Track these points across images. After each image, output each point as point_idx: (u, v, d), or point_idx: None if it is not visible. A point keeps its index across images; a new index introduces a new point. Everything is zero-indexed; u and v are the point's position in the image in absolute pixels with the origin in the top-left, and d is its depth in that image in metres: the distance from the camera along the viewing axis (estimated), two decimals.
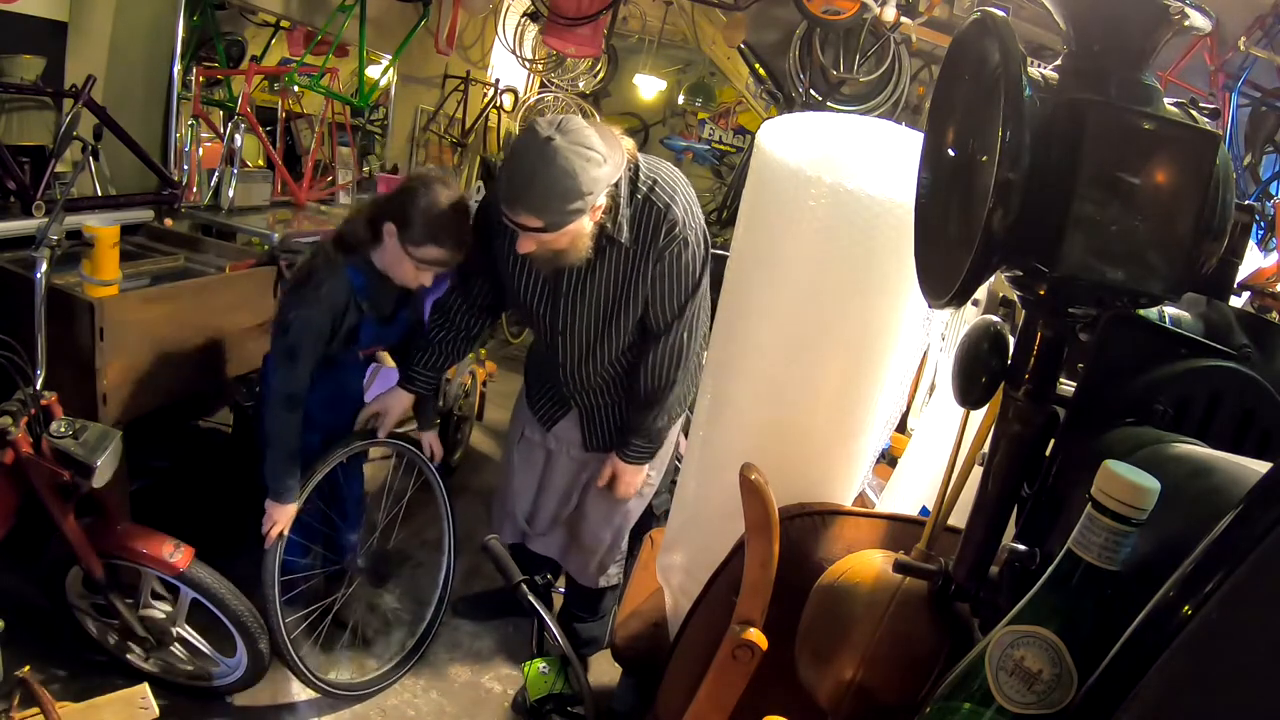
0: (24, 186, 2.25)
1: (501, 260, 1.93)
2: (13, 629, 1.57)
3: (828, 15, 4.23)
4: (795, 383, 1.20)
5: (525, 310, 2.00)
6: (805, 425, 1.21)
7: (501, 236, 1.88)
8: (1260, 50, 3.74)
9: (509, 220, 1.69)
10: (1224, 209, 0.62)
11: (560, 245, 1.73)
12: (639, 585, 1.66)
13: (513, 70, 5.60)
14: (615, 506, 2.17)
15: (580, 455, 2.16)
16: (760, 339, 1.24)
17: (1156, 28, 0.63)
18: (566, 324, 1.94)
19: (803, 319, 1.19)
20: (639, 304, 1.89)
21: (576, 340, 1.96)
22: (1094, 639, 0.51)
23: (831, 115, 1.43)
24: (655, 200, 1.80)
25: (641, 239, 1.81)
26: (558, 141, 1.61)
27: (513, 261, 1.89)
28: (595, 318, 1.92)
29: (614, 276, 1.86)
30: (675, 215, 1.80)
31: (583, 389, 2.07)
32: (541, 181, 1.61)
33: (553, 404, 2.16)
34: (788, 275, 1.19)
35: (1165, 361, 0.70)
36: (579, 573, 2.26)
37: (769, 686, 0.94)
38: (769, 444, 1.20)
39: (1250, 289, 2.12)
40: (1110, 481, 0.50)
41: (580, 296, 1.90)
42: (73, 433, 1.64)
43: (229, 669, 2.02)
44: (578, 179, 1.62)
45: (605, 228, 1.79)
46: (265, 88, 3.71)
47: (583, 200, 1.65)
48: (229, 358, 2.41)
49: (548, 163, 1.60)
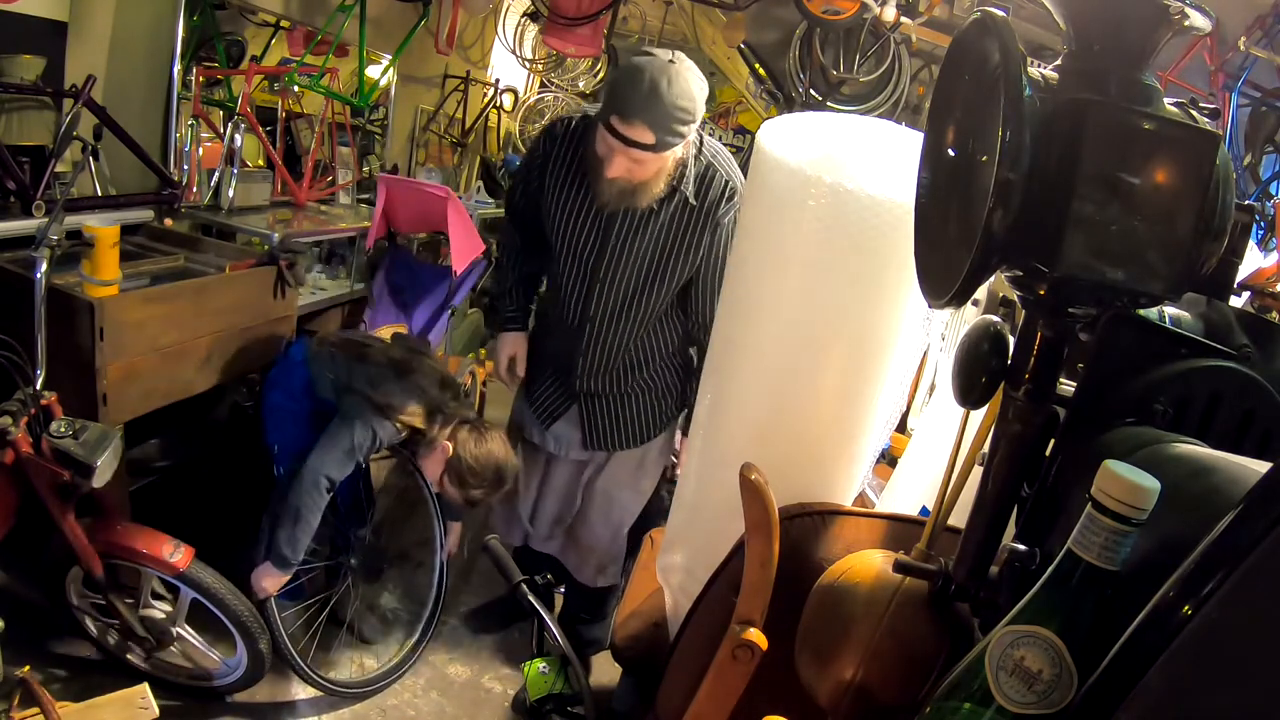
0: (24, 186, 2.25)
1: (560, 189, 1.91)
2: (13, 629, 1.57)
3: (828, 15, 4.23)
4: (795, 383, 1.20)
5: (570, 250, 1.95)
6: (805, 425, 1.21)
7: (564, 163, 1.89)
8: (1260, 50, 3.73)
9: (615, 132, 1.68)
10: (1224, 209, 0.62)
11: (647, 174, 1.74)
12: (639, 585, 1.66)
13: (513, 70, 5.60)
14: (612, 506, 2.17)
15: (580, 455, 2.15)
16: (760, 339, 1.24)
17: (1156, 28, 0.63)
18: (610, 269, 1.90)
19: (803, 319, 1.19)
20: (686, 268, 1.90)
21: (614, 292, 1.93)
22: (1094, 639, 0.51)
23: (831, 115, 1.43)
24: (717, 167, 1.86)
25: (703, 199, 1.85)
26: (679, 65, 1.68)
27: (572, 191, 1.88)
28: (640, 269, 1.90)
29: (669, 230, 1.87)
30: (736, 185, 1.86)
31: (595, 369, 2.02)
32: (664, 96, 1.64)
33: (555, 396, 2.12)
34: (788, 275, 1.19)
35: (1165, 361, 0.70)
36: (577, 570, 2.26)
37: (769, 686, 0.94)
38: (769, 444, 1.20)
39: (1250, 289, 2.11)
40: (1110, 481, 0.50)
41: (632, 241, 1.88)
42: (73, 433, 1.64)
43: (229, 669, 2.02)
44: (694, 102, 1.68)
45: (674, 176, 1.81)
46: (265, 88, 3.71)
47: (690, 127, 1.70)
48: (229, 358, 2.41)
49: (670, 81, 1.65)
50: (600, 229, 1.89)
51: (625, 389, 2.07)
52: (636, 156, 1.69)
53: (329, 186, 3.96)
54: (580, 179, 1.88)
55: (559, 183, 1.90)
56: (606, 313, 1.96)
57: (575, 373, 2.05)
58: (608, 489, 2.16)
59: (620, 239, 1.88)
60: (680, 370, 2.12)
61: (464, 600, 2.67)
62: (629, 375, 2.05)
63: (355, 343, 2.03)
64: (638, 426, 2.11)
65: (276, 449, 2.16)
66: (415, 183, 3.46)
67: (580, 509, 2.20)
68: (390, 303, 3.21)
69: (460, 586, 2.72)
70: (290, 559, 1.95)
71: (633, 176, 1.74)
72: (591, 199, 1.86)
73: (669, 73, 1.65)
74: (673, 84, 1.65)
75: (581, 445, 2.13)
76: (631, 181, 1.75)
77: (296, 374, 2.10)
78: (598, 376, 2.05)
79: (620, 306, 1.94)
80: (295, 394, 2.11)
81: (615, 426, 2.09)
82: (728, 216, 1.86)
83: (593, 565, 2.25)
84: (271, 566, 1.96)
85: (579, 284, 1.96)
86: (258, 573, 1.96)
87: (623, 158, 1.70)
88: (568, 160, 1.89)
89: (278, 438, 2.16)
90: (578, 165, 1.87)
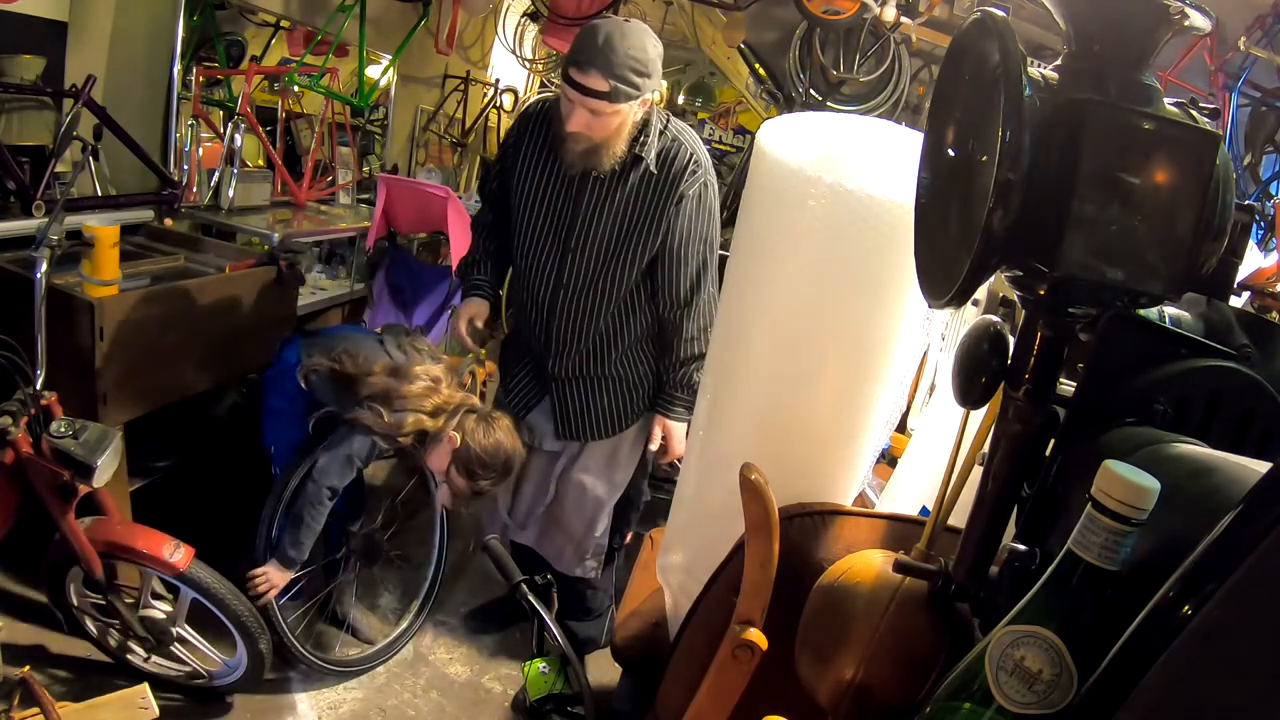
0: (24, 186, 2.25)
1: (532, 166, 2.01)
2: (13, 629, 1.57)
3: (828, 15, 4.22)
4: (795, 383, 1.20)
5: (542, 221, 2.02)
6: (805, 425, 1.21)
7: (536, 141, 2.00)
8: (1260, 50, 3.73)
9: (573, 82, 1.78)
10: (1224, 209, 0.62)
11: (607, 130, 1.83)
12: (639, 585, 1.66)
13: (513, 70, 5.60)
14: (585, 496, 2.23)
15: (553, 446, 2.22)
16: (760, 339, 1.24)
17: (1156, 28, 0.63)
18: (580, 239, 1.98)
19: (802, 319, 1.18)
20: (653, 239, 1.98)
21: (585, 262, 2.00)
22: (1094, 639, 0.51)
23: (831, 115, 1.43)
24: (682, 142, 1.96)
25: (666, 170, 1.95)
26: (633, 24, 1.82)
27: (545, 167, 1.98)
28: (609, 238, 1.98)
29: (636, 200, 1.95)
30: (700, 158, 1.97)
31: (568, 346, 2.09)
32: (617, 47, 1.76)
33: (529, 386, 2.20)
34: (787, 275, 1.19)
35: (1165, 361, 0.70)
36: (556, 559, 2.29)
37: (769, 686, 0.94)
38: (769, 444, 1.20)
39: (1250, 289, 2.12)
40: (1110, 481, 0.50)
41: (601, 210, 1.96)
42: (73, 433, 1.64)
43: (229, 669, 2.02)
44: (647, 55, 1.80)
45: (636, 142, 1.90)
46: (265, 88, 3.71)
47: (644, 81, 1.80)
48: (229, 358, 2.41)
49: (623, 35, 1.77)
50: (571, 199, 1.98)
51: (597, 373, 2.13)
52: (593, 106, 1.78)
53: (329, 186, 3.96)
54: (550, 154, 1.98)
55: (530, 160, 2.01)
56: (578, 285, 2.03)
57: (550, 354, 2.11)
58: (580, 479, 2.22)
59: (590, 208, 1.96)
60: (650, 360, 2.17)
61: (464, 600, 2.67)
62: (601, 358, 2.11)
63: (346, 375, 2.03)
64: (608, 417, 2.17)
65: (273, 450, 2.16)
66: (415, 183, 3.47)
67: (554, 498, 2.26)
68: (390, 303, 3.22)
69: (460, 586, 2.72)
70: (296, 559, 1.99)
71: (592, 132, 1.83)
72: (562, 171, 1.96)
73: (622, 28, 1.78)
74: (626, 37, 1.77)
75: (554, 435, 2.19)
76: (592, 139, 1.84)
77: (290, 376, 2.10)
78: (570, 357, 2.11)
79: (591, 278, 2.02)
80: (290, 395, 2.10)
81: (585, 415, 2.16)
82: (692, 189, 1.95)
83: (570, 554, 2.28)
84: (276, 563, 1.99)
85: (551, 254, 2.04)
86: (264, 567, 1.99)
87: (582, 110, 1.80)
88: (539, 139, 2.00)
89: (274, 439, 2.16)
90: (548, 140, 1.98)
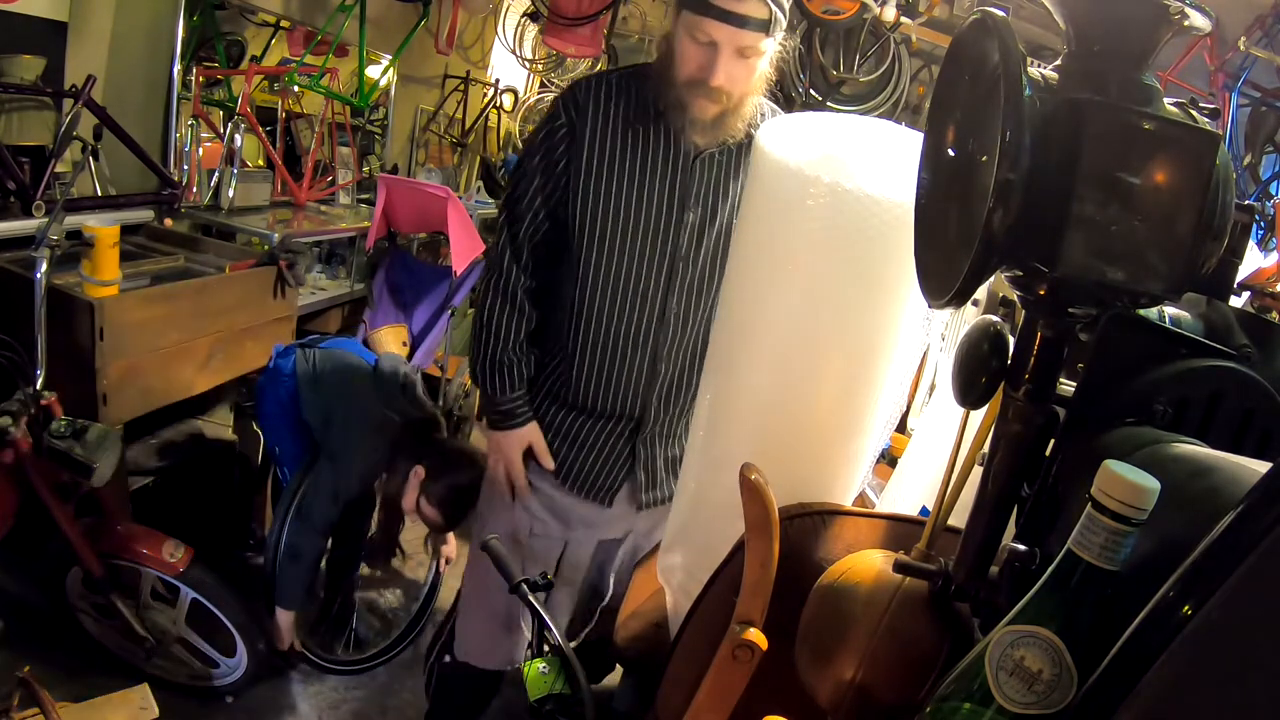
0: (24, 186, 2.25)
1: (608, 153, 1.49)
2: (13, 629, 1.57)
3: (828, 15, 4.23)
4: (795, 383, 1.20)
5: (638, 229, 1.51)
6: (805, 425, 1.21)
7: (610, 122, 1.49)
8: (1260, 50, 3.73)
9: (718, 13, 1.31)
10: (1224, 209, 0.62)
11: (749, 80, 1.41)
12: (639, 585, 1.65)
13: (513, 70, 5.60)
14: None
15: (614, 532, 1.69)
16: (759, 339, 1.24)
17: (1156, 28, 0.62)
18: (691, 247, 1.51)
19: (802, 319, 1.18)
20: None
21: (695, 272, 1.53)
22: (1094, 639, 0.51)
23: (831, 115, 1.42)
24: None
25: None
26: None
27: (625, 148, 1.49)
28: (721, 240, 1.51)
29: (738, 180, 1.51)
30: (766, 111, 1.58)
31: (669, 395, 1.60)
32: None
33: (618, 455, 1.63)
34: (787, 275, 1.19)
35: (1165, 361, 0.70)
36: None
37: (769, 686, 0.94)
38: (769, 444, 1.20)
39: (1250, 289, 2.12)
40: (1110, 481, 0.50)
41: (714, 202, 1.51)
42: (73, 433, 1.64)
43: (229, 669, 2.02)
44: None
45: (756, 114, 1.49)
46: (265, 88, 3.71)
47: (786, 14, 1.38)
48: (229, 358, 2.41)
49: None
50: (676, 192, 1.50)
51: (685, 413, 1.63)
52: (747, 42, 1.34)
53: (329, 186, 3.96)
54: (639, 137, 1.49)
55: (608, 150, 1.48)
56: (686, 303, 1.54)
57: (647, 404, 1.60)
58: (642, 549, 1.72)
59: (701, 202, 1.50)
60: None
61: None
62: (692, 393, 1.57)
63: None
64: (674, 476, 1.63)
65: (278, 451, 2.17)
66: (415, 183, 3.46)
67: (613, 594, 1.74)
68: (390, 303, 3.22)
69: None
70: (296, 596, 2.01)
71: (735, 85, 1.40)
72: (659, 156, 1.49)
73: None
74: None
75: (636, 508, 1.68)
76: (731, 96, 1.41)
77: (284, 385, 2.11)
78: (674, 404, 1.61)
79: (700, 297, 1.55)
80: (284, 403, 2.12)
81: (670, 470, 1.66)
82: None
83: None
84: (281, 611, 2.01)
85: (654, 275, 1.53)
86: (273, 623, 2.02)
87: (728, 53, 1.35)
88: (616, 120, 1.48)
89: (276, 441, 2.17)
90: (631, 119, 1.48)
